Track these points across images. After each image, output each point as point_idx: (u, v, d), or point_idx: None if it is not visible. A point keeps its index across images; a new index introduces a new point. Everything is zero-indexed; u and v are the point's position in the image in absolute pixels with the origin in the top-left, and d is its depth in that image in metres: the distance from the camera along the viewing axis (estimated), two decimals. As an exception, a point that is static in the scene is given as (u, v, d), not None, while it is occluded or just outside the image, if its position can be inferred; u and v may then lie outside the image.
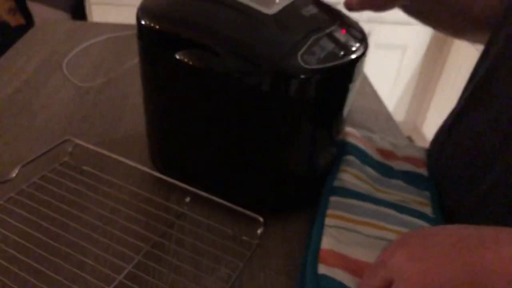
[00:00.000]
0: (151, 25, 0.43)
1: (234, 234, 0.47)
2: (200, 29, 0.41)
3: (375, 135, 0.61)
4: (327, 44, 0.41)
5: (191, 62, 0.41)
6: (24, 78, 0.76)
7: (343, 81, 0.44)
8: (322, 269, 0.39)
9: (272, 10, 0.42)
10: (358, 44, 0.44)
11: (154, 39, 0.44)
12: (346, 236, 0.43)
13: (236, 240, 0.47)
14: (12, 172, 0.50)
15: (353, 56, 0.42)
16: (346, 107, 0.47)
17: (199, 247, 0.45)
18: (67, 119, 0.65)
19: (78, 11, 1.83)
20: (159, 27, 0.43)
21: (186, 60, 0.41)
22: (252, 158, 0.46)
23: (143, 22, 0.43)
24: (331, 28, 0.44)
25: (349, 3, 0.50)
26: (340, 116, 0.48)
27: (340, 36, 0.43)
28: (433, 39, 1.88)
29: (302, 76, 0.39)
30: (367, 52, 0.45)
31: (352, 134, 0.58)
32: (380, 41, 1.81)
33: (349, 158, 0.53)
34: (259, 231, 0.46)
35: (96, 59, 0.85)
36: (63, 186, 0.51)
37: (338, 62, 0.41)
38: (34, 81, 0.75)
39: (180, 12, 0.43)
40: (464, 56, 1.81)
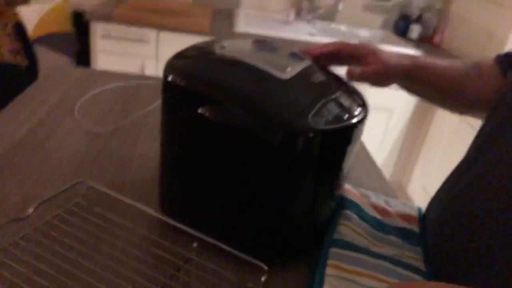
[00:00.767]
0: (176, 81, 0.48)
1: (239, 281, 0.50)
2: (222, 88, 0.46)
3: (369, 192, 0.66)
4: (333, 108, 0.47)
5: (210, 116, 0.46)
6: (37, 120, 0.79)
7: (345, 141, 0.48)
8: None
9: (286, 76, 0.48)
10: (359, 109, 0.49)
11: (178, 94, 0.49)
12: (345, 285, 0.46)
13: (241, 286, 0.49)
14: (29, 209, 0.52)
15: (355, 120, 0.48)
16: (346, 165, 0.52)
17: (205, 291, 0.47)
18: (78, 162, 0.68)
19: (82, 58, 1.91)
20: (183, 84, 0.48)
21: (206, 114, 0.46)
22: (258, 208, 0.50)
23: (169, 79, 0.48)
24: (337, 94, 0.49)
25: (351, 74, 0.56)
26: (340, 173, 0.52)
27: (345, 101, 0.49)
28: (418, 104, 1.99)
29: (311, 135, 0.44)
30: (367, 118, 0.50)
31: (350, 190, 0.62)
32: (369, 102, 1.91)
33: (347, 212, 0.57)
34: (263, 279, 0.48)
35: (106, 105, 0.89)
36: (76, 226, 0.53)
37: (342, 125, 0.46)
38: (47, 123, 0.78)
39: (204, 71, 0.48)
40: (448, 121, 1.91)
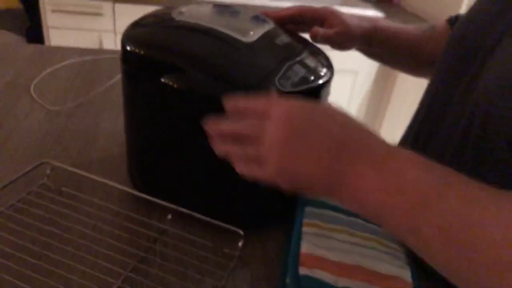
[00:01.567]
0: (135, 50, 0.46)
1: (216, 247, 0.50)
2: (183, 54, 0.45)
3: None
4: (299, 70, 0.46)
5: (174, 85, 0.44)
6: (-9, 102, 0.75)
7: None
8: (303, 271, 0.42)
9: (249, 39, 0.46)
10: (325, 70, 0.49)
11: (139, 63, 0.47)
12: (323, 241, 0.47)
13: (218, 252, 0.49)
14: (-9, 195, 0.50)
15: (321, 81, 0.47)
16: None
17: (183, 261, 0.47)
18: (39, 142, 0.65)
19: (34, 35, 1.80)
20: (144, 52, 0.46)
21: (169, 83, 0.44)
22: (228, 173, 0.49)
23: (128, 48, 0.46)
24: (302, 56, 0.49)
25: (314, 35, 0.56)
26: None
27: (310, 63, 0.48)
28: (381, 65, 2.02)
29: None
30: (332, 79, 0.50)
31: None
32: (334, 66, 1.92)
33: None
34: (240, 243, 0.49)
35: (64, 83, 0.85)
36: (43, 208, 0.52)
37: (309, 86, 0.46)
38: (2, 104, 0.74)
39: (164, 38, 0.46)
40: (412, 79, 1.95)
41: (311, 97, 0.47)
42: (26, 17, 1.90)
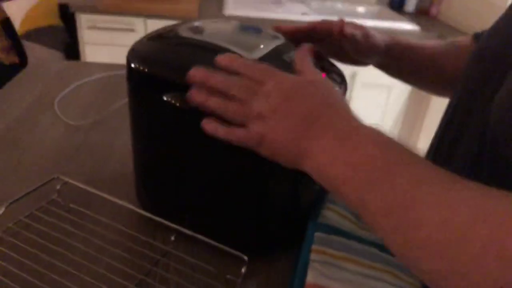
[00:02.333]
0: (140, 67, 0.45)
1: (218, 273, 0.48)
2: (184, 72, 0.43)
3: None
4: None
5: (178, 104, 0.43)
6: (15, 116, 0.77)
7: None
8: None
9: (255, 55, 0.45)
10: (337, 88, 0.46)
11: (143, 81, 0.46)
12: (331, 271, 0.44)
13: (220, 279, 0.47)
14: (1, 209, 0.50)
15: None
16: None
17: (183, 286, 0.45)
18: (56, 157, 0.66)
19: (72, 51, 1.88)
20: (148, 70, 0.45)
21: (173, 101, 0.43)
22: (235, 195, 0.47)
23: (132, 65, 0.46)
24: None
25: (340, 27, 0.53)
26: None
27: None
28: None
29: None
30: (345, 95, 0.47)
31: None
32: (367, 80, 1.87)
33: (332, 196, 0.55)
34: (243, 270, 0.46)
35: (88, 98, 0.87)
36: (50, 224, 0.51)
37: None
38: (25, 119, 0.76)
39: (169, 56, 0.45)
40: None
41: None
42: (66, 34, 1.98)
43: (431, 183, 0.28)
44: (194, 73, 0.39)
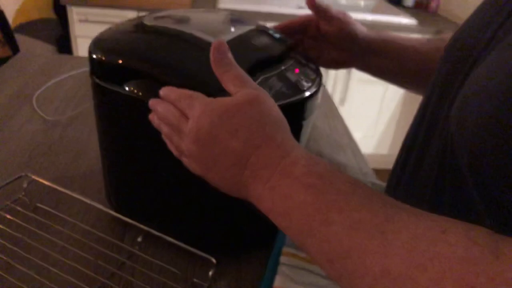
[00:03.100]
0: (102, 58, 0.43)
1: (186, 276, 0.46)
2: (149, 61, 0.41)
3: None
4: (276, 84, 0.41)
5: (140, 94, 0.41)
6: (-8, 111, 0.75)
7: (293, 118, 0.43)
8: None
9: (223, 38, 0.42)
10: (309, 84, 0.44)
11: (104, 72, 0.44)
12: (299, 274, 0.42)
13: (187, 282, 0.45)
14: (-41, 210, 0.49)
15: (303, 95, 0.42)
16: (301, 143, 0.47)
17: (147, 290, 0.43)
18: (29, 153, 0.64)
19: (65, 44, 1.85)
20: (105, 59, 0.42)
21: (135, 92, 0.41)
22: (204, 196, 0.45)
23: (94, 56, 0.43)
24: (284, 67, 0.44)
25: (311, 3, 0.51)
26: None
27: (291, 75, 0.43)
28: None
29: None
30: (320, 91, 0.45)
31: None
32: (363, 76, 1.84)
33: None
34: (210, 273, 0.44)
35: (69, 93, 0.85)
36: (13, 225, 0.49)
37: (285, 102, 0.40)
38: (2, 114, 0.74)
39: (131, 45, 0.43)
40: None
41: (289, 112, 0.42)
42: (60, 27, 1.96)
43: (368, 228, 0.26)
44: (151, 100, 0.39)
